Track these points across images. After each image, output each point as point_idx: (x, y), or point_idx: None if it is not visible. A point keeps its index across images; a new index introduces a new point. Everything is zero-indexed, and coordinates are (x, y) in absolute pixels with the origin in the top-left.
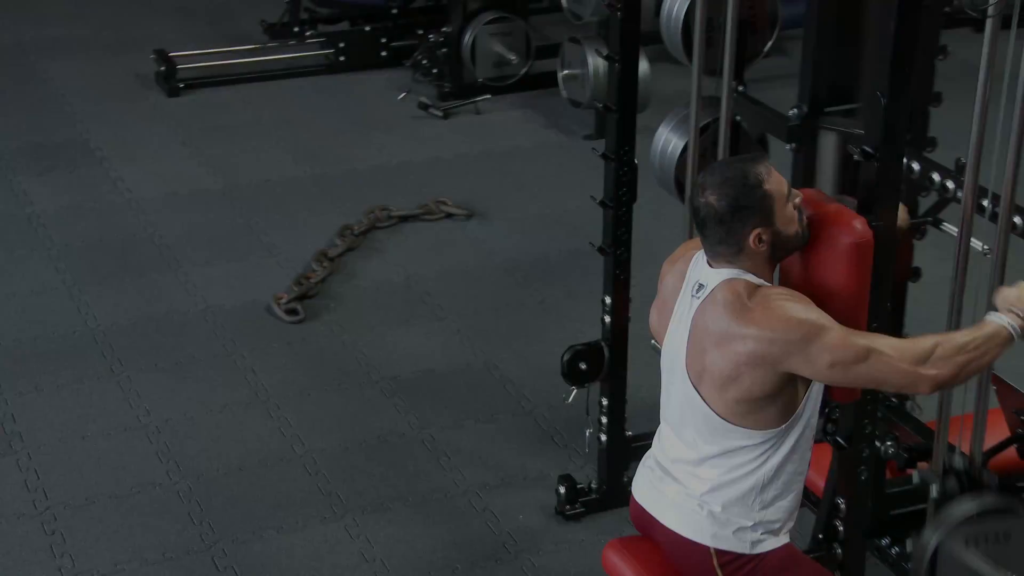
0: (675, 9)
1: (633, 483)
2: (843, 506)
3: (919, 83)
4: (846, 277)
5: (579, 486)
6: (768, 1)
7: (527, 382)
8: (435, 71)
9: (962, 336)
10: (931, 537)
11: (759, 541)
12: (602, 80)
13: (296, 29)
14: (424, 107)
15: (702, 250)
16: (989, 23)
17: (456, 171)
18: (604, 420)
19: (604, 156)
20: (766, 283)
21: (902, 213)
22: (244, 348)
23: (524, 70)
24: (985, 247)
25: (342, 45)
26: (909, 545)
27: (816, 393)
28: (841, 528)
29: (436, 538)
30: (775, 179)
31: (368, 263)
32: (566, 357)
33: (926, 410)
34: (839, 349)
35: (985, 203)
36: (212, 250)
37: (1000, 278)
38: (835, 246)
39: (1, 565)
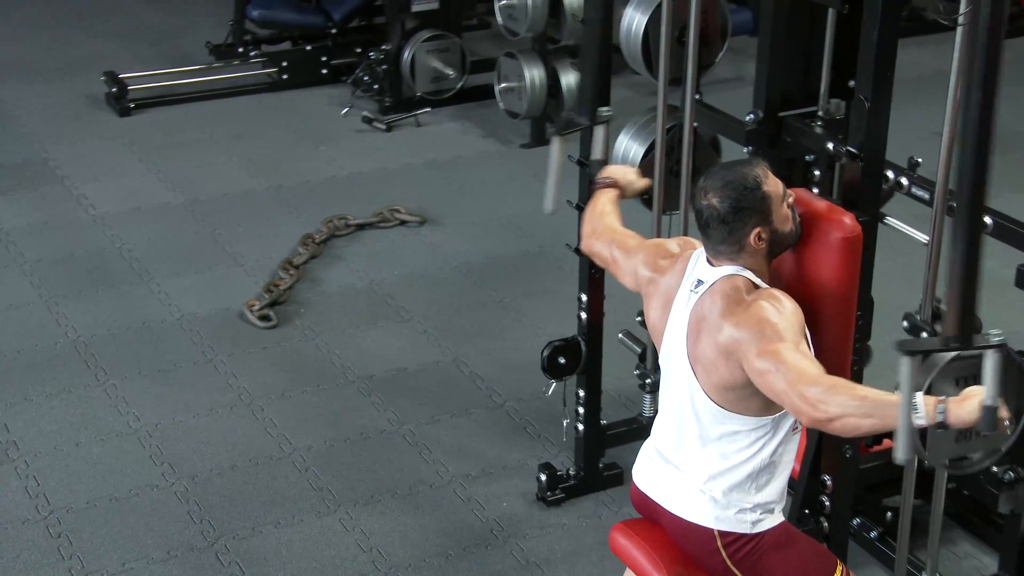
0: (634, 25)
1: (634, 471)
2: (829, 482)
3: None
4: (838, 270)
5: (558, 473)
6: (719, 14)
7: (495, 377)
8: (376, 87)
9: (864, 391)
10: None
11: (758, 521)
12: (539, 92)
13: (240, 50)
14: (368, 121)
15: (700, 249)
16: (960, 31)
17: (404, 180)
18: (581, 411)
19: (580, 163)
20: (764, 283)
21: None
22: (223, 354)
23: (460, 84)
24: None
25: (284, 64)
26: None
27: None
28: (828, 503)
29: (427, 527)
30: (772, 181)
31: (331, 270)
32: (546, 353)
33: None
34: (766, 356)
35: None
36: (180, 261)
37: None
38: (827, 241)
39: (12, 569)
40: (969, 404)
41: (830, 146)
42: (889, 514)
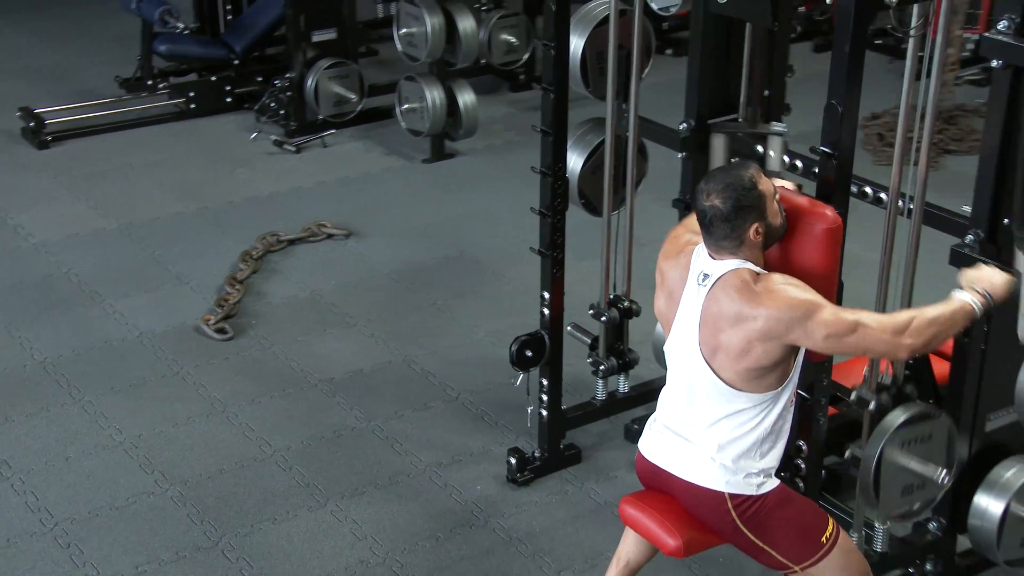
0: (572, 48)
1: (641, 446)
2: (804, 447)
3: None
4: (822, 258)
5: (526, 456)
6: (645, 34)
7: (445, 372)
8: (282, 112)
9: (932, 311)
10: (877, 444)
11: (763, 483)
12: (439, 112)
13: (149, 82)
14: (279, 144)
15: (700, 244)
16: (911, 41)
17: (321, 197)
18: (545, 398)
19: (542, 172)
20: (763, 270)
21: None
22: (188, 366)
23: (359, 107)
24: None
25: (191, 94)
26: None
27: (800, 359)
28: (803, 466)
29: (413, 513)
30: (764, 181)
31: (272, 283)
32: (514, 347)
33: None
34: (832, 324)
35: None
36: (128, 283)
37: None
38: (812, 232)
39: None
40: (1000, 278)
41: (759, 148)
42: (824, 472)
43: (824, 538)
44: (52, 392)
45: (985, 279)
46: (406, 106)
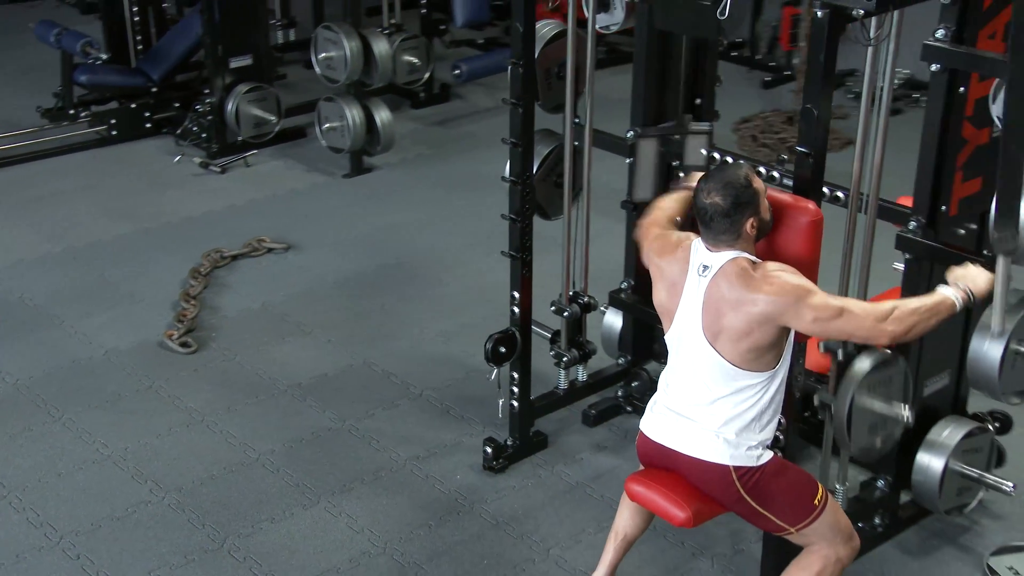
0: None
1: (643, 427)
2: (783, 420)
3: (709, 102)
4: (806, 247)
5: (500, 444)
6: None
7: (405, 372)
8: (204, 135)
9: (915, 302)
10: (849, 388)
11: (761, 455)
12: (359, 129)
13: (71, 111)
14: (204, 165)
15: (697, 239)
16: (870, 50)
17: (254, 214)
18: (516, 390)
19: (512, 181)
20: (759, 260)
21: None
22: (159, 380)
23: (278, 127)
24: None
25: (113, 121)
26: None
27: (791, 340)
28: (782, 438)
29: (402, 505)
30: (756, 179)
31: (223, 297)
32: (489, 345)
33: None
34: (820, 308)
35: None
36: (83, 303)
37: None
38: (797, 225)
39: None
40: (982, 278)
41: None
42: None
43: (816, 501)
44: (31, 412)
45: (969, 277)
46: (327, 125)
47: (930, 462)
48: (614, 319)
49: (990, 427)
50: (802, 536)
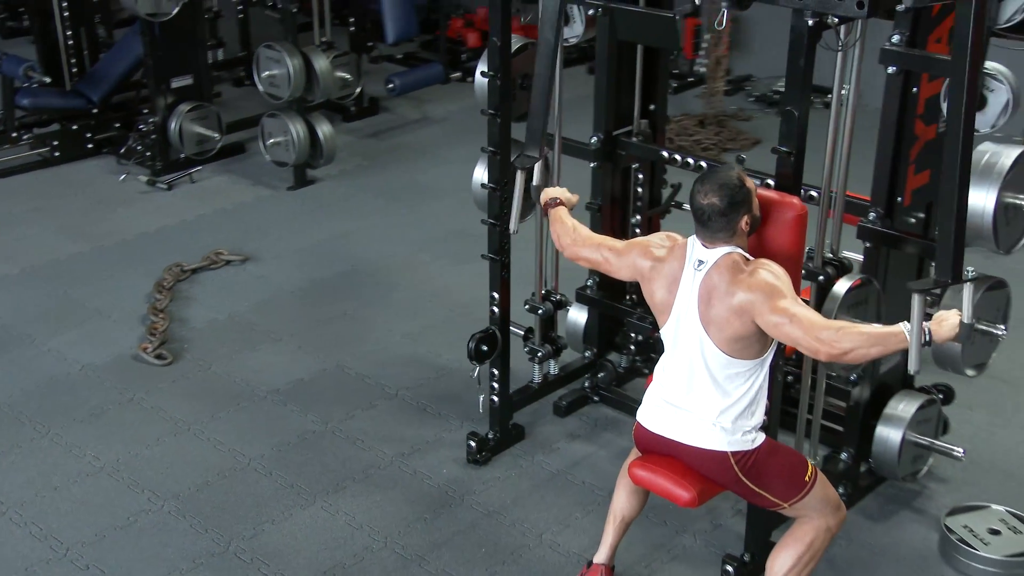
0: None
1: (643, 419)
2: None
3: (663, 107)
4: (793, 240)
5: (482, 438)
6: None
7: (378, 373)
8: (148, 153)
9: (866, 327)
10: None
11: (755, 438)
12: (303, 144)
13: (14, 134)
14: (151, 183)
15: (692, 237)
16: (839, 56)
17: (205, 228)
18: (496, 386)
19: (492, 188)
20: (751, 257)
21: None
22: (139, 392)
23: (220, 144)
24: None
25: (55, 143)
26: None
27: None
28: (766, 419)
29: (395, 501)
30: (748, 180)
31: (189, 309)
32: (471, 344)
33: None
34: (779, 311)
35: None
36: (52, 322)
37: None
38: (784, 219)
39: None
40: (948, 325)
41: (664, 154)
42: None
43: (807, 477)
44: (17, 429)
45: (939, 319)
46: (271, 140)
47: (889, 434)
48: (578, 315)
49: (937, 399)
50: (795, 510)
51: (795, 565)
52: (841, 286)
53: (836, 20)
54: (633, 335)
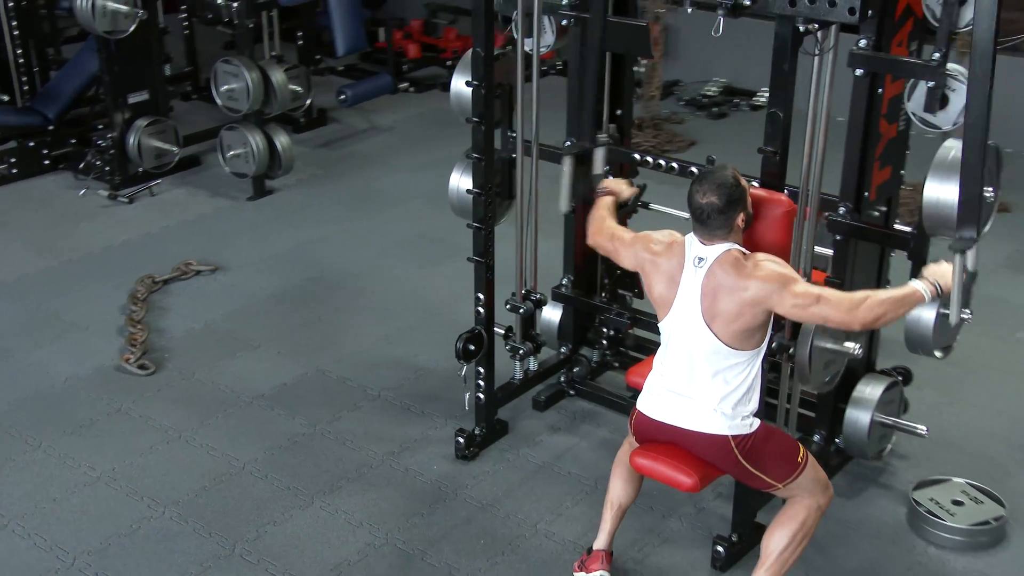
0: (461, 89)
1: (643, 407)
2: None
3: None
4: (782, 234)
5: (470, 433)
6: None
7: (358, 376)
8: (107, 168)
9: (885, 294)
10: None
11: (752, 423)
12: (263, 155)
13: None
14: (112, 197)
15: (689, 235)
16: (816, 60)
17: (170, 240)
18: (482, 383)
19: (477, 193)
20: (748, 251)
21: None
22: (126, 402)
23: (177, 157)
24: None
25: (12, 160)
26: None
27: (771, 321)
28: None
29: (391, 498)
30: (742, 179)
31: (165, 320)
32: (459, 344)
33: None
34: (800, 295)
35: None
36: (31, 336)
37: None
38: (773, 216)
39: None
40: (947, 275)
41: (636, 156)
42: None
43: (799, 458)
44: (8, 443)
45: (940, 273)
46: (231, 153)
47: (858, 416)
48: (552, 313)
49: (899, 380)
50: (788, 490)
51: (790, 543)
52: None
53: (815, 26)
54: (605, 330)
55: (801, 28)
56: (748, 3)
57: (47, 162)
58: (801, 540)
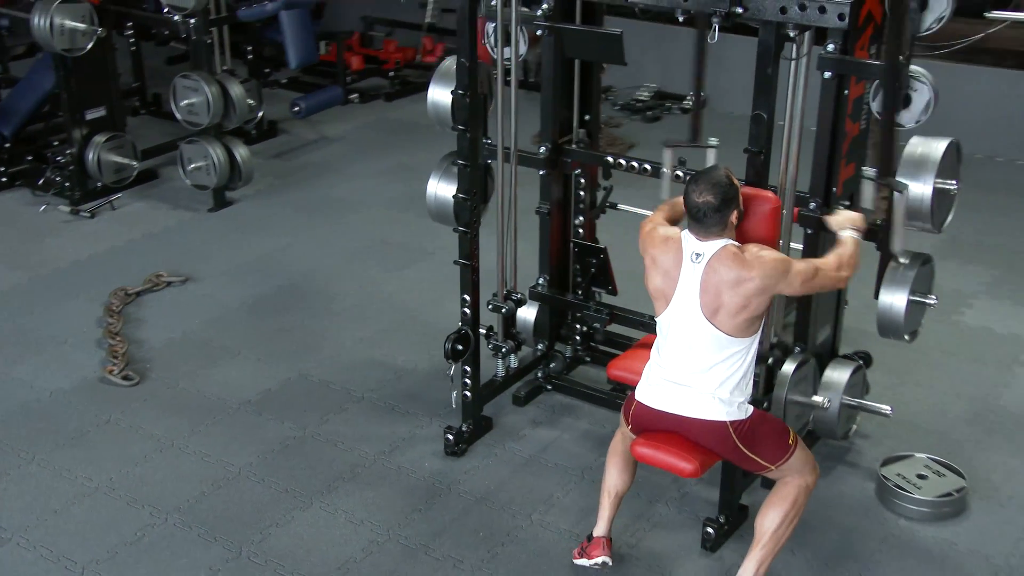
0: (440, 97)
1: (643, 398)
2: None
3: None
4: (770, 229)
5: (458, 430)
6: (489, 81)
7: (341, 379)
8: (67, 184)
9: (845, 249)
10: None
11: (748, 409)
12: (224, 167)
13: None
14: (74, 212)
15: (685, 231)
16: (792, 64)
17: (136, 252)
18: (468, 382)
19: (462, 198)
20: (740, 244)
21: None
22: (114, 413)
23: (135, 171)
24: None
25: None
26: None
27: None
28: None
29: (388, 496)
30: (734, 178)
31: (143, 331)
32: (448, 345)
33: None
34: (804, 272)
35: None
36: (8, 351)
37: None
38: (761, 212)
39: None
40: (853, 215)
41: (609, 159)
42: None
43: (790, 441)
44: (2, 458)
45: (850, 219)
46: (192, 166)
47: (828, 400)
48: (528, 312)
49: (861, 365)
50: (780, 471)
51: (783, 521)
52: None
53: (795, 33)
54: (578, 327)
55: (792, 34)
56: (740, 11)
57: (4, 179)
58: (793, 518)
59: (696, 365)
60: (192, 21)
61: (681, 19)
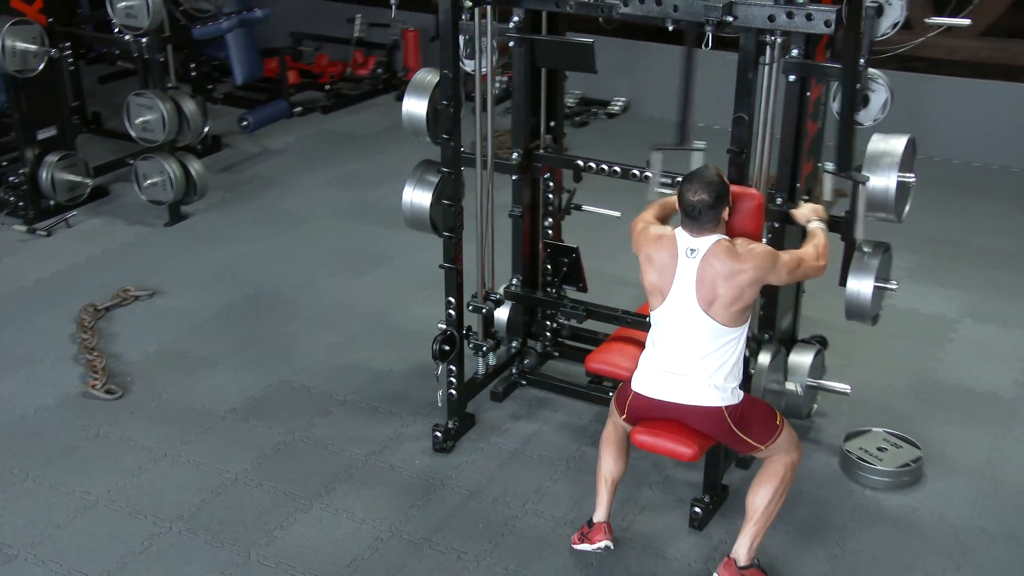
0: (415, 107)
1: (641, 388)
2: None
3: (561, 123)
4: (755, 224)
5: (446, 428)
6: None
7: (322, 383)
8: (20, 203)
9: (818, 239)
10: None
11: (739, 393)
12: (180, 181)
13: None
14: (31, 231)
15: (678, 228)
16: (765, 69)
17: (98, 269)
18: (453, 380)
19: (447, 205)
20: (730, 239)
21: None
22: (102, 427)
23: (89, 189)
24: None
25: None
26: None
27: None
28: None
29: (385, 494)
30: (724, 177)
31: (118, 345)
32: (435, 346)
33: None
34: (789, 263)
35: None
36: None
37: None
38: (747, 208)
39: None
40: (815, 207)
41: (580, 162)
42: None
43: (777, 422)
44: None
45: (816, 210)
46: (147, 182)
47: (796, 386)
48: (500, 312)
49: (821, 348)
50: (768, 451)
51: (773, 497)
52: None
53: (772, 39)
54: (548, 323)
55: (779, 40)
56: (731, 20)
57: None
58: (782, 494)
59: (692, 354)
60: (144, 40)
61: (671, 28)
